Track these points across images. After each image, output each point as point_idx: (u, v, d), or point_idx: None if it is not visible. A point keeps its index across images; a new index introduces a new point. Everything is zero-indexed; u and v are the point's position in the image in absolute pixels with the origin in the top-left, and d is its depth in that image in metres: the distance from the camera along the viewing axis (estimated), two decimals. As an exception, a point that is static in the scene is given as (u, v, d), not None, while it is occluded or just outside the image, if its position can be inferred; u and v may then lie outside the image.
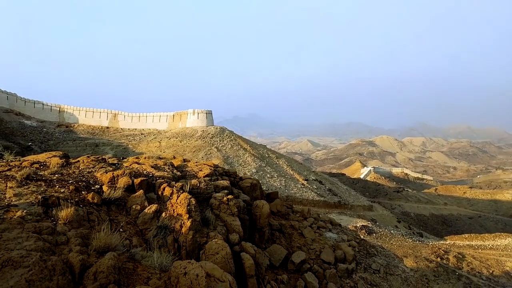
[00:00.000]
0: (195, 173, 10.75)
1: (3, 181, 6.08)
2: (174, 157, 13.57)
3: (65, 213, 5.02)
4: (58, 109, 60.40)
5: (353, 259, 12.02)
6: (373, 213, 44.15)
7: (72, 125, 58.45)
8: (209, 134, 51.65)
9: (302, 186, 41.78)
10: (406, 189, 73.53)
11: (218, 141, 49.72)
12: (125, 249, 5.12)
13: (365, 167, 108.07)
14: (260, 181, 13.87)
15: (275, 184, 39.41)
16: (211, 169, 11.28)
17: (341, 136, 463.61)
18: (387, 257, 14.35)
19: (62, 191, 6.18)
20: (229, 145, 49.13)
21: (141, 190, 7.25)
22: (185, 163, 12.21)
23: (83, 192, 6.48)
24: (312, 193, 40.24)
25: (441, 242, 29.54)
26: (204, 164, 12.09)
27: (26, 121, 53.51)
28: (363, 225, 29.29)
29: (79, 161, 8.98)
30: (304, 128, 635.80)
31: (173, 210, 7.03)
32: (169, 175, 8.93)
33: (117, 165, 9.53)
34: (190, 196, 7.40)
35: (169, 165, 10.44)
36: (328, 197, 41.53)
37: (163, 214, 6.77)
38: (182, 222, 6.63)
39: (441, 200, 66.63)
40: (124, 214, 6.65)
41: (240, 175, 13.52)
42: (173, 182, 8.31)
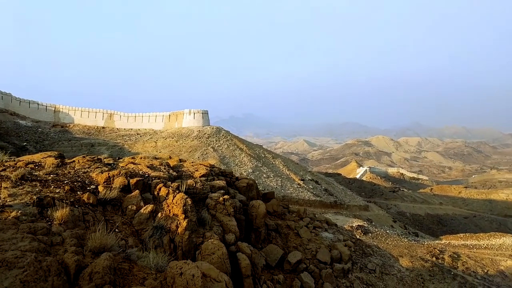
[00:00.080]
0: (191, 173, 10.74)
1: (-3, 182, 6.05)
2: (170, 157, 13.55)
3: (60, 213, 4.99)
4: (54, 109, 60.04)
5: (349, 259, 12.04)
6: (369, 213, 44.29)
7: (68, 125, 58.13)
8: (205, 134, 51.58)
9: (298, 186, 41.82)
10: (401, 189, 73.77)
11: (214, 141, 49.66)
12: (120, 249, 5.11)
13: (361, 167, 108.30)
14: (256, 181, 13.88)
15: (271, 184, 39.44)
16: (207, 169, 11.27)
17: (337, 136, 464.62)
18: (382, 256, 14.40)
19: (57, 191, 6.15)
20: (225, 145, 49.10)
21: (137, 190, 7.23)
22: (181, 163, 12.19)
23: (78, 193, 6.45)
24: (308, 193, 40.31)
25: (437, 241, 29.70)
26: (200, 164, 12.07)
27: (21, 121, 53.14)
28: (359, 225, 29.38)
29: (74, 161, 8.94)
30: (300, 128, 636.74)
31: (169, 210, 7.01)
32: (165, 175, 8.91)
33: (112, 165, 9.49)
34: (186, 196, 7.39)
35: (165, 165, 10.42)
36: (324, 197, 41.61)
37: (159, 214, 6.76)
38: (178, 222, 6.62)
39: (436, 200, 66.95)
40: (120, 214, 6.63)
41: (236, 175, 13.52)
42: (169, 182, 8.29)
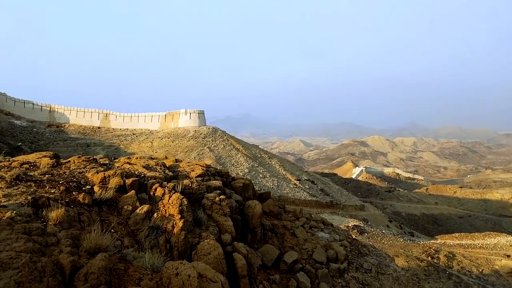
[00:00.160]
0: (187, 173, 10.72)
1: (-8, 182, 6.01)
2: (166, 157, 13.52)
3: (55, 214, 4.97)
4: (49, 109, 59.75)
5: (345, 258, 12.07)
6: (365, 213, 44.43)
7: (63, 125, 57.88)
8: (201, 134, 51.52)
9: (295, 186, 41.88)
10: (397, 189, 74.08)
11: (211, 141, 49.62)
12: (116, 250, 5.09)
13: (357, 167, 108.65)
14: (252, 181, 13.88)
15: (267, 184, 39.46)
16: (203, 169, 11.26)
17: (333, 136, 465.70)
18: (378, 256, 14.44)
19: (52, 191, 6.12)
20: (222, 145, 49.07)
21: (133, 191, 7.21)
22: (177, 163, 12.17)
23: (73, 193, 6.42)
24: (304, 193, 40.37)
25: (432, 241, 29.85)
26: (196, 164, 12.06)
27: (16, 121, 52.85)
28: (355, 225, 29.45)
29: (70, 161, 8.90)
30: (297, 128, 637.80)
31: (165, 211, 7.00)
32: (161, 176, 8.89)
33: (108, 165, 9.46)
34: (182, 196, 7.38)
35: (161, 166, 10.40)
36: (320, 197, 41.69)
37: (155, 215, 6.75)
38: (174, 223, 6.61)
39: (432, 200, 67.28)
40: (116, 214, 6.61)
41: (233, 175, 13.51)
42: (165, 183, 8.28)
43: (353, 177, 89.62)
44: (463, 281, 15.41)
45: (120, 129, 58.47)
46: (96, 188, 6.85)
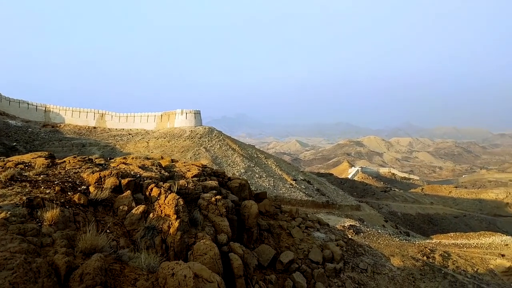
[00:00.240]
0: (183, 173, 10.71)
1: (-14, 182, 5.97)
2: (162, 158, 13.49)
3: (50, 214, 4.94)
4: (44, 108, 59.40)
5: (341, 258, 12.11)
6: (361, 213, 44.52)
7: (58, 125, 57.54)
8: (197, 134, 51.43)
9: (291, 186, 41.91)
10: (393, 189, 74.27)
11: (207, 141, 49.54)
12: (112, 250, 5.07)
13: (352, 167, 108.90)
14: (248, 181, 13.88)
15: (263, 184, 39.46)
16: (199, 170, 11.25)
17: (329, 136, 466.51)
18: (374, 256, 14.50)
19: (47, 192, 6.09)
20: (218, 145, 49.01)
21: (129, 191, 7.19)
22: (173, 163, 12.15)
23: (69, 193, 6.39)
24: (301, 193, 40.40)
25: (427, 241, 29.97)
26: (192, 165, 12.05)
27: (10, 121, 52.47)
28: (350, 225, 29.52)
29: (65, 161, 8.86)
30: (293, 128, 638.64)
31: (161, 211, 6.99)
32: (156, 176, 8.87)
33: (104, 165, 9.42)
34: (178, 196, 7.37)
35: (156, 166, 10.37)
36: (316, 197, 41.74)
37: (151, 215, 6.73)
38: (170, 223, 6.60)
39: (427, 200, 67.56)
40: (111, 215, 6.59)
41: (229, 176, 13.51)
42: (161, 183, 8.26)
43: (349, 177, 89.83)
44: (458, 280, 15.50)
45: (116, 129, 58.22)
46: (91, 189, 6.82)
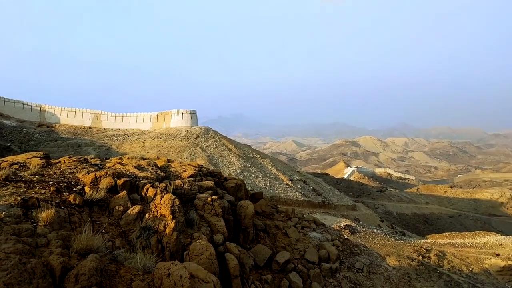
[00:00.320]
0: (179, 173, 10.69)
1: (-20, 183, 5.94)
2: (158, 158, 13.46)
3: (45, 214, 4.92)
4: (39, 108, 59.04)
5: (336, 258, 12.13)
6: (357, 213, 44.65)
7: (54, 125, 57.21)
8: (193, 134, 51.33)
9: (287, 186, 41.95)
10: (389, 189, 74.52)
11: (203, 141, 49.46)
12: (107, 250, 5.06)
13: (348, 167, 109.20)
14: (245, 182, 13.88)
15: (260, 184, 39.48)
16: (195, 170, 11.24)
17: (325, 136, 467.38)
18: (370, 256, 14.54)
19: (42, 192, 6.05)
20: (214, 145, 48.95)
21: (124, 191, 7.17)
22: (169, 163, 12.12)
23: (64, 193, 6.36)
24: (297, 193, 40.45)
25: (423, 240, 30.12)
26: (188, 165, 12.03)
27: (5, 121, 52.11)
28: (346, 225, 29.59)
29: (60, 161, 8.82)
30: (289, 129, 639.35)
31: (157, 211, 6.97)
32: (152, 176, 8.85)
33: (99, 165, 9.39)
34: (174, 196, 7.35)
35: (152, 166, 10.34)
36: (312, 197, 41.81)
37: (147, 215, 6.72)
38: (166, 223, 6.59)
39: (423, 200, 67.87)
40: (107, 215, 6.57)
41: (225, 176, 13.50)
42: (157, 183, 8.24)
43: (345, 177, 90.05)
44: (453, 280, 15.59)
45: (112, 129, 57.99)
46: (87, 189, 6.79)
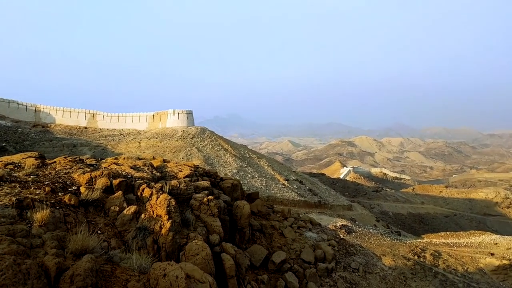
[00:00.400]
0: (175, 173, 10.67)
1: (-26, 183, 5.90)
2: (154, 158, 13.42)
3: (40, 215, 4.89)
4: (34, 108, 58.73)
5: (332, 258, 12.15)
6: (353, 213, 44.79)
7: (49, 125, 56.94)
8: (189, 134, 51.27)
9: (283, 186, 42.00)
10: (384, 189, 74.81)
11: (199, 141, 49.42)
12: (103, 251, 5.04)
13: (344, 167, 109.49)
14: (241, 182, 13.89)
15: (256, 184, 39.49)
16: (191, 170, 11.22)
17: (321, 136, 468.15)
18: (366, 256, 14.58)
19: (37, 192, 6.02)
20: (210, 145, 48.91)
21: (120, 191, 7.14)
22: (165, 163, 12.10)
23: (59, 194, 6.33)
24: (293, 193, 40.51)
25: (418, 240, 30.26)
26: (184, 165, 12.01)
27: (0, 121, 51.86)
28: (342, 225, 29.66)
29: (55, 162, 8.77)
30: (285, 129, 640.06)
31: (153, 211, 6.96)
32: (148, 176, 8.82)
33: (95, 165, 9.35)
34: (169, 197, 7.34)
35: (148, 166, 10.32)
36: (308, 197, 41.90)
37: (143, 215, 6.70)
38: (162, 223, 6.57)
39: (418, 199, 68.17)
40: (103, 215, 6.54)
41: (221, 176, 13.49)
42: (153, 183, 8.22)
43: (341, 177, 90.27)
44: (448, 279, 15.66)
45: (108, 129, 57.80)
46: (82, 189, 6.76)
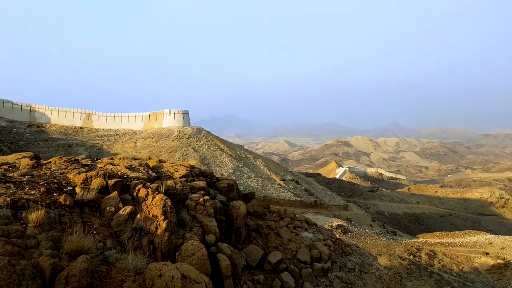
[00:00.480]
0: (171, 174, 10.65)
1: (-31, 183, 5.86)
2: (150, 158, 13.39)
3: (35, 215, 4.87)
4: (29, 108, 58.33)
5: (328, 258, 12.19)
6: (349, 213, 44.88)
7: (44, 125, 56.58)
8: (185, 134, 51.16)
9: (279, 186, 42.02)
10: (380, 189, 75.01)
11: (195, 141, 49.32)
12: (98, 251, 5.02)
13: (340, 167, 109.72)
14: (237, 182, 13.88)
15: (252, 184, 39.49)
16: (187, 170, 11.20)
17: (317, 136, 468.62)
18: (361, 255, 14.63)
19: (32, 193, 5.99)
20: (206, 145, 48.83)
21: (116, 192, 7.12)
22: (161, 164, 12.07)
23: (54, 194, 6.31)
24: (289, 193, 40.54)
25: (414, 240, 30.36)
26: (180, 165, 11.99)
27: (-6, 121, 51.54)
28: (338, 225, 29.72)
29: (50, 162, 8.73)
30: (281, 129, 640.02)
31: (149, 212, 6.94)
32: (144, 176, 8.80)
33: (90, 166, 9.32)
34: (165, 197, 7.32)
35: (144, 166, 10.29)
36: (304, 197, 41.93)
37: (138, 216, 6.68)
38: (158, 224, 6.56)
39: (414, 199, 68.41)
40: (98, 216, 6.52)
41: (217, 176, 13.49)
42: (148, 183, 8.20)
43: (337, 177, 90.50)
44: (444, 278, 15.75)
45: (103, 129, 57.51)
46: (77, 189, 6.73)
